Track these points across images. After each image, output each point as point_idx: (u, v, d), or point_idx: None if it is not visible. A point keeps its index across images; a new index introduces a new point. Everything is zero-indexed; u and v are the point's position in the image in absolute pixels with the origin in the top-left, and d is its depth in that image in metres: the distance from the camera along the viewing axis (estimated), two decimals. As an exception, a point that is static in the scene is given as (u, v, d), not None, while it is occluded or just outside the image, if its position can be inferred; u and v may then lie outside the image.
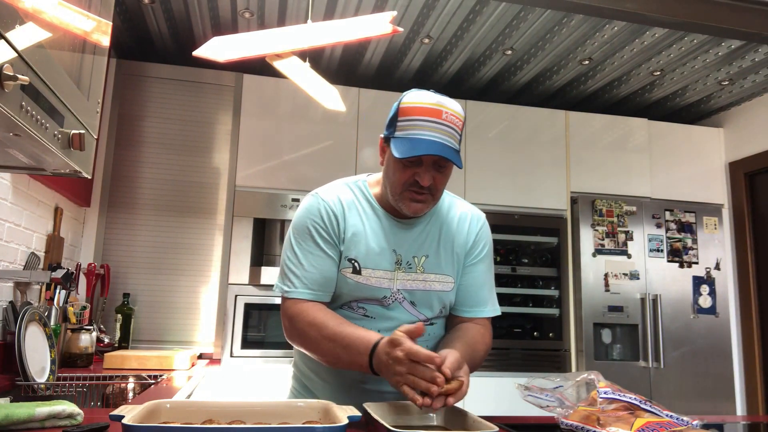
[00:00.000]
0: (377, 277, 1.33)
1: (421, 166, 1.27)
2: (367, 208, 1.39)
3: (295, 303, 1.31)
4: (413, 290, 1.36)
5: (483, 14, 2.96)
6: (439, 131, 1.24)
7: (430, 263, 1.38)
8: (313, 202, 1.38)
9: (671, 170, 3.91)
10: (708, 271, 3.71)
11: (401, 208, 1.33)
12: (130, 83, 3.34)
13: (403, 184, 1.29)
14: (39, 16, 0.98)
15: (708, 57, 3.30)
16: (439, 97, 1.28)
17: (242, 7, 3.00)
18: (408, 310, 1.36)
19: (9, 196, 2.17)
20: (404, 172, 1.28)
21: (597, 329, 3.53)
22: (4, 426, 1.10)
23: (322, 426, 0.97)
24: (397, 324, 1.33)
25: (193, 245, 3.28)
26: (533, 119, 3.77)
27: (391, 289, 1.34)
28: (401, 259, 1.36)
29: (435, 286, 1.38)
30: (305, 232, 1.35)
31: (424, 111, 1.25)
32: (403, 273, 1.35)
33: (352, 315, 1.35)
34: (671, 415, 1.14)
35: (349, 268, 1.33)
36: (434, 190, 1.31)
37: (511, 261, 3.62)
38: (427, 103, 1.26)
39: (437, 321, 1.42)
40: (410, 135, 1.25)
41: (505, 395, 3.27)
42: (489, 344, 1.45)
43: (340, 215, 1.35)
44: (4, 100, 0.86)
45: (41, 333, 2.13)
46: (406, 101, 1.28)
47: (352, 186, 1.42)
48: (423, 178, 1.27)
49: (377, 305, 1.35)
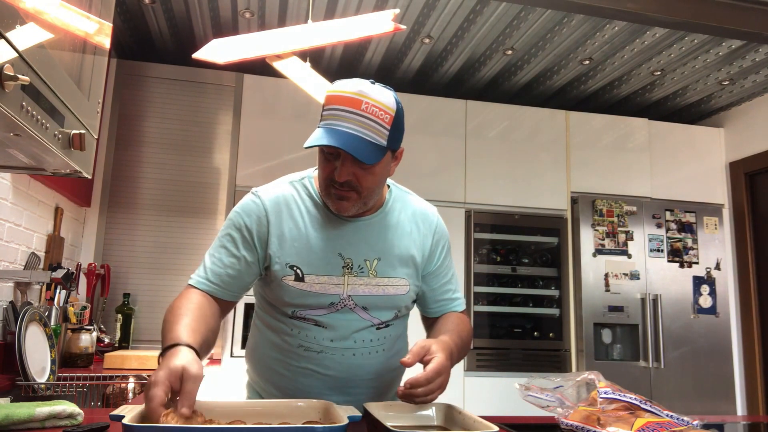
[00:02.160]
0: (321, 284, 1.26)
1: (338, 160, 1.19)
2: (311, 207, 1.31)
3: (188, 288, 1.26)
4: (366, 295, 1.28)
5: (483, 14, 2.96)
6: (354, 122, 1.15)
7: (382, 266, 1.30)
8: (248, 200, 1.32)
9: (671, 170, 3.91)
10: (708, 271, 3.71)
11: (329, 205, 1.27)
12: (131, 83, 3.34)
13: (325, 179, 1.23)
14: (40, 17, 0.98)
15: (708, 57, 3.30)
16: (364, 85, 1.18)
17: (243, 7, 3.00)
18: (360, 315, 1.29)
19: (9, 196, 2.17)
20: (326, 166, 1.22)
21: (597, 329, 3.53)
22: (5, 426, 1.10)
23: (323, 426, 0.97)
24: (350, 331, 1.28)
25: (193, 245, 3.28)
26: (534, 119, 3.77)
27: (340, 294, 1.26)
28: (351, 263, 1.28)
29: (389, 290, 1.30)
30: (230, 228, 1.30)
31: (342, 100, 1.17)
32: (355, 277, 1.27)
33: (303, 325, 1.28)
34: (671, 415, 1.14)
35: (291, 275, 1.25)
36: (359, 188, 1.21)
37: (511, 261, 3.62)
38: (348, 91, 1.17)
39: (392, 323, 1.35)
40: (325, 125, 1.18)
41: (505, 395, 3.28)
42: (471, 328, 1.42)
43: (273, 217, 1.28)
44: (5, 100, 0.86)
45: (41, 333, 2.13)
46: (330, 89, 1.21)
47: (296, 184, 1.35)
48: (338, 173, 1.18)
49: (326, 312, 1.27)
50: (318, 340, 1.28)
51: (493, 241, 3.62)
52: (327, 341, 1.28)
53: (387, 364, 1.35)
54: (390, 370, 1.37)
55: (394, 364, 1.36)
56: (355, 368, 1.30)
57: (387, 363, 1.35)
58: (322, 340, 1.28)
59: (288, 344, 1.30)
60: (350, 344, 1.29)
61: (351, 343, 1.29)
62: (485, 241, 3.60)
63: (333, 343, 1.28)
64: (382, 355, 1.33)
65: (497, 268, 3.58)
